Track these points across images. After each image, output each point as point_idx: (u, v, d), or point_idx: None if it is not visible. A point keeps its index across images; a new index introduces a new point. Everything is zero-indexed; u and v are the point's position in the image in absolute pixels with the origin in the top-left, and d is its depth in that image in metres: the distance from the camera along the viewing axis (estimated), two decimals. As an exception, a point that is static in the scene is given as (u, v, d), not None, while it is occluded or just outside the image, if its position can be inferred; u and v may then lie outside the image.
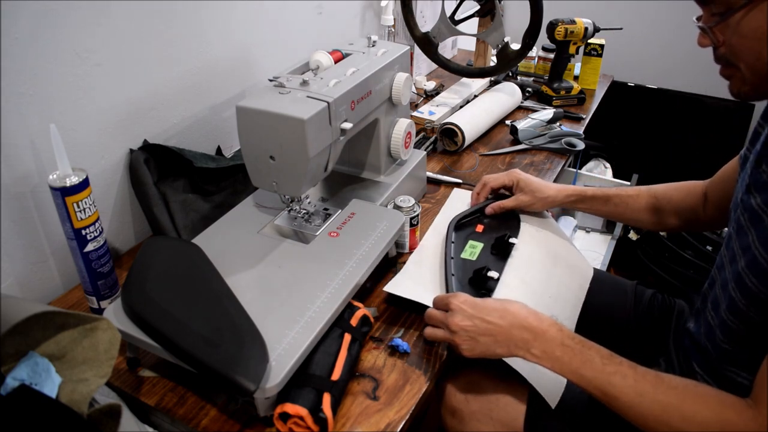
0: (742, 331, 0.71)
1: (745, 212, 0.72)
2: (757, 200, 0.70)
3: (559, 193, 1.03)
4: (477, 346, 0.75)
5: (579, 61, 1.65)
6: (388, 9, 1.45)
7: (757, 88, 0.69)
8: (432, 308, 0.81)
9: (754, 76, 0.68)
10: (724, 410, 0.62)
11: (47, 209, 0.86)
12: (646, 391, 0.66)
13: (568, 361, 0.70)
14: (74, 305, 0.88)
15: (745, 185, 0.74)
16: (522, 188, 1.03)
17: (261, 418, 0.68)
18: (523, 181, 1.03)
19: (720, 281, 0.78)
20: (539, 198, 1.02)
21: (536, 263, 0.97)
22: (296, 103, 0.78)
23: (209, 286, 0.76)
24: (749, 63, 0.68)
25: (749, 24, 0.65)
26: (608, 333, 1.03)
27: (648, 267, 1.82)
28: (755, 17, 0.64)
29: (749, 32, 0.65)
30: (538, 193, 1.02)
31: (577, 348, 0.71)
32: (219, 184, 1.04)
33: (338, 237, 0.87)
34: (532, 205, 1.04)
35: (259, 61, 1.20)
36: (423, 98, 1.55)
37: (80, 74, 0.85)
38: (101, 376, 0.60)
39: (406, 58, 1.01)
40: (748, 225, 0.71)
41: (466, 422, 0.84)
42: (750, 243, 0.70)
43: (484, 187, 1.07)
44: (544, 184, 1.04)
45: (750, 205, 0.71)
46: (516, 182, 1.04)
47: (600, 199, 1.03)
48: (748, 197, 0.73)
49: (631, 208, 1.02)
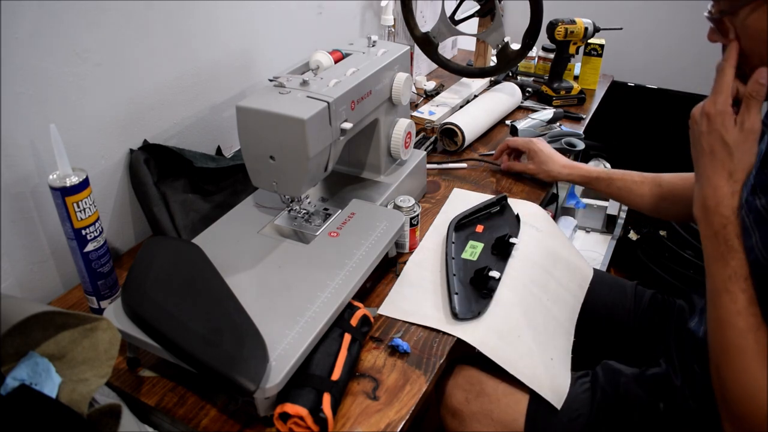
0: None
1: (750, 213, 0.72)
2: (762, 201, 0.70)
3: (563, 169, 1.13)
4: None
5: (579, 61, 1.65)
6: (388, 9, 1.44)
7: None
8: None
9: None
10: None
11: (47, 209, 0.86)
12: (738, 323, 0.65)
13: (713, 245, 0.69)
14: (74, 305, 0.88)
15: (750, 186, 0.74)
16: (532, 157, 1.16)
17: (261, 418, 0.68)
18: (533, 151, 1.16)
19: None
20: (543, 170, 1.15)
21: (536, 263, 0.97)
22: (296, 103, 0.78)
23: (209, 286, 0.76)
24: (755, 64, 0.67)
25: (755, 24, 0.64)
26: (608, 333, 1.03)
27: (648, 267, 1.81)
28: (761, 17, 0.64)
29: (754, 33, 0.65)
30: (544, 165, 1.14)
31: (722, 246, 0.68)
32: (219, 184, 1.04)
33: (338, 237, 0.87)
34: (536, 174, 1.16)
35: (259, 61, 1.20)
36: (423, 98, 1.55)
37: (80, 74, 0.85)
38: (101, 376, 0.60)
39: (406, 58, 1.01)
40: (753, 226, 0.71)
41: (466, 423, 0.84)
42: (753, 244, 0.69)
43: (506, 147, 1.22)
44: (553, 158, 1.13)
45: (755, 206, 0.71)
46: (529, 150, 1.17)
47: (604, 180, 1.10)
48: (753, 198, 0.72)
49: (634, 193, 1.07)
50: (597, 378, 0.88)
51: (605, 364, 0.90)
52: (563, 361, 0.87)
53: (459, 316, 0.82)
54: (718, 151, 0.69)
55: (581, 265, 1.06)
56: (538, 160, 1.15)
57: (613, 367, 0.89)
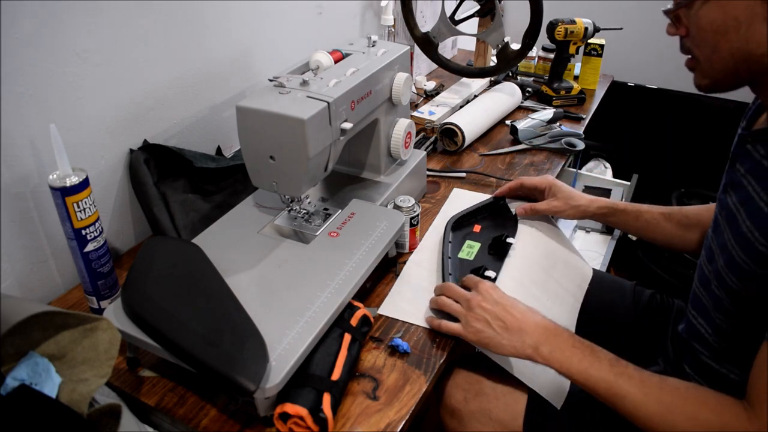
0: (730, 328, 0.72)
1: (722, 210, 0.74)
2: (732, 198, 0.72)
3: (591, 203, 1.01)
4: (486, 330, 0.76)
5: (579, 61, 1.65)
6: (388, 9, 1.44)
7: (717, 81, 0.70)
8: (454, 285, 0.83)
9: (712, 69, 0.69)
10: (723, 411, 0.63)
11: (47, 209, 0.86)
12: (650, 392, 0.67)
13: (577, 361, 0.71)
14: (74, 305, 0.88)
15: (722, 184, 0.75)
16: (555, 193, 1.02)
17: (261, 418, 0.68)
18: (557, 186, 1.03)
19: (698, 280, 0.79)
20: (572, 206, 1.01)
21: (534, 263, 0.97)
22: (296, 103, 0.78)
23: (209, 286, 0.76)
24: (706, 55, 0.69)
25: (707, 15, 0.66)
26: (607, 333, 1.03)
27: (648, 267, 1.82)
28: (712, 9, 0.65)
29: (706, 24, 0.66)
30: (571, 200, 1.01)
31: (587, 350, 0.72)
32: (219, 184, 1.04)
33: (338, 237, 0.87)
34: (563, 212, 1.02)
35: (259, 61, 1.20)
36: (423, 98, 1.55)
37: (80, 74, 0.85)
38: (101, 376, 0.60)
39: (406, 58, 1.01)
40: (725, 224, 0.72)
41: (465, 422, 0.84)
42: (726, 241, 0.71)
43: (519, 185, 1.07)
44: (577, 192, 1.03)
45: (726, 203, 0.73)
46: (549, 187, 1.03)
47: (631, 213, 1.00)
48: (724, 196, 0.74)
49: (662, 227, 0.98)
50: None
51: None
52: (563, 361, 0.87)
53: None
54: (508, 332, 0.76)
55: (580, 265, 1.06)
56: (563, 196, 1.01)
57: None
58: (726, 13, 0.64)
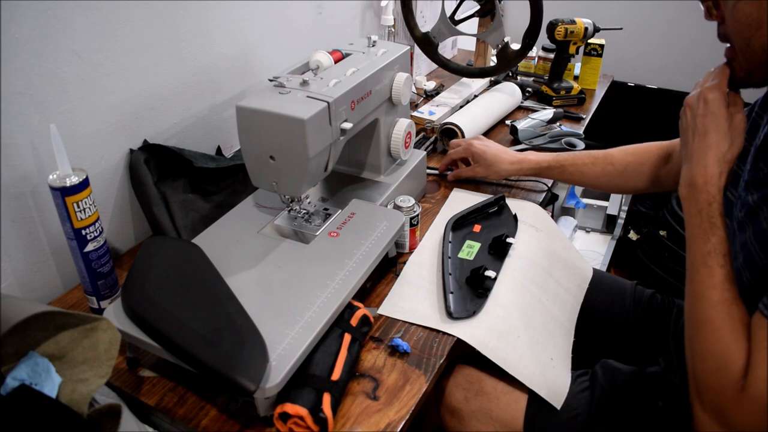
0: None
1: (743, 208, 0.74)
2: (754, 197, 0.72)
3: (511, 165, 1.10)
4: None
5: (579, 61, 1.65)
6: (388, 9, 1.45)
7: (751, 74, 0.71)
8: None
9: (746, 62, 0.70)
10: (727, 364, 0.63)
11: (47, 209, 0.86)
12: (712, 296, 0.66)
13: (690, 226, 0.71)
14: (74, 305, 0.88)
15: (743, 182, 0.75)
16: (477, 160, 1.13)
17: (261, 418, 0.68)
18: (476, 154, 1.12)
19: None
20: (493, 171, 1.11)
21: (534, 263, 0.97)
22: (296, 103, 0.78)
23: (209, 286, 0.76)
24: (741, 47, 0.69)
25: (743, 8, 0.67)
26: (608, 333, 1.03)
27: (648, 267, 1.81)
28: (749, 3, 0.66)
29: (742, 17, 0.67)
30: (492, 167, 1.11)
31: (707, 224, 0.70)
32: (219, 184, 1.04)
33: (338, 237, 0.87)
34: (486, 177, 1.14)
35: (259, 61, 1.20)
36: (423, 98, 1.55)
37: (80, 74, 0.85)
38: (101, 376, 0.60)
39: (406, 58, 1.01)
40: (746, 221, 0.72)
41: (465, 422, 0.84)
42: (747, 239, 0.71)
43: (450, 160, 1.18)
44: (500, 156, 1.10)
45: (747, 202, 0.73)
46: (471, 155, 1.13)
47: (556, 168, 1.09)
48: (746, 194, 0.74)
49: (587, 175, 1.08)
50: (596, 377, 0.88)
51: (604, 363, 0.90)
52: (563, 361, 0.87)
53: (453, 315, 0.83)
54: (712, 133, 0.72)
55: (580, 265, 1.06)
56: (484, 163, 1.11)
57: (612, 366, 0.89)
58: (761, 8, 0.65)
